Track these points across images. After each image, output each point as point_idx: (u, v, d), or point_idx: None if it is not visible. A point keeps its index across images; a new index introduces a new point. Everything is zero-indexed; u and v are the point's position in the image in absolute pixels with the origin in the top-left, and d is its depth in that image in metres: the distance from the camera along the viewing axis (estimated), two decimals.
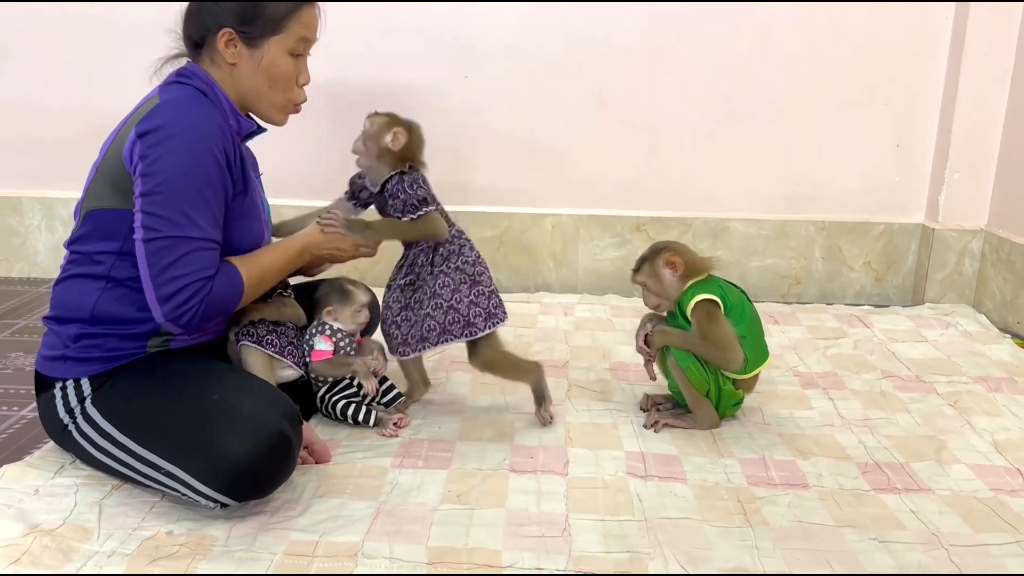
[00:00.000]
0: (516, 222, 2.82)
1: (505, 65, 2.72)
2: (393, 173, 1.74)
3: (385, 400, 1.85)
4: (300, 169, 2.76)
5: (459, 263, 1.75)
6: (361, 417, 1.76)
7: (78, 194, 2.85)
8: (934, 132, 2.72)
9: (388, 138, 1.72)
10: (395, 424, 1.77)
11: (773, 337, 2.39)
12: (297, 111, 1.64)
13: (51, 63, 2.81)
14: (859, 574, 1.31)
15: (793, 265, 2.83)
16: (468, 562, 1.32)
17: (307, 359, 1.74)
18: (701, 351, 1.73)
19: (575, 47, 2.70)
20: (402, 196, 1.72)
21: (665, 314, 1.83)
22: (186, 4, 1.56)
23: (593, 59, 2.70)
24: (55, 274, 2.88)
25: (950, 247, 2.70)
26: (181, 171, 1.39)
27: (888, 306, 2.75)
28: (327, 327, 1.77)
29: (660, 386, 1.91)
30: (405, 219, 1.73)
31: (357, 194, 1.84)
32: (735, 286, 1.81)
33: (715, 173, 2.80)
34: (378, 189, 1.76)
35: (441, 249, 1.76)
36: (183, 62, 1.58)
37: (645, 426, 1.80)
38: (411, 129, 1.76)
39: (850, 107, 2.71)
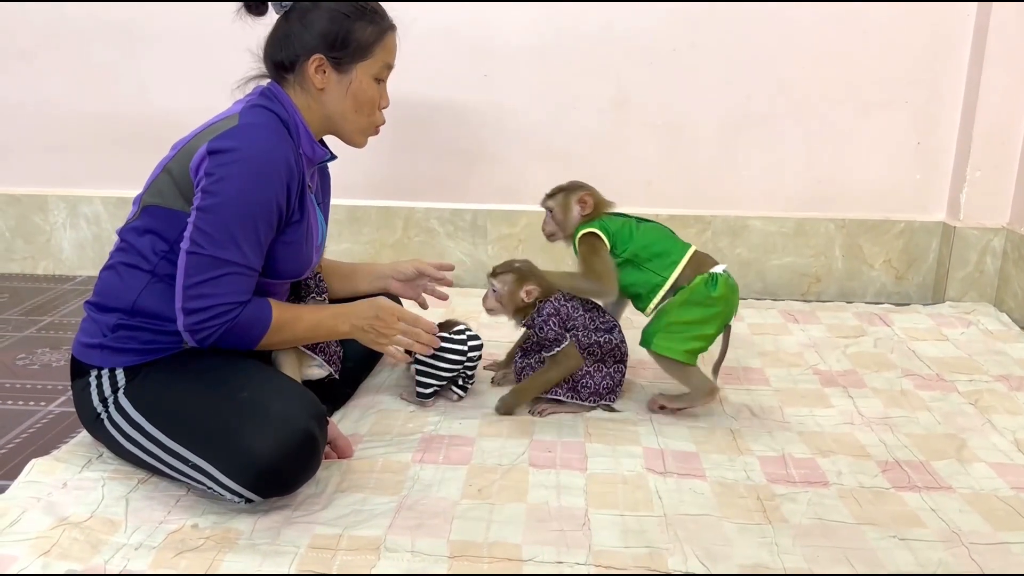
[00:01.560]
0: (535, 220, 2.82)
1: (525, 64, 2.73)
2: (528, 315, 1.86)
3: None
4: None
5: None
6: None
7: (102, 193, 2.94)
8: (955, 130, 2.71)
9: (523, 295, 1.84)
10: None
11: (793, 336, 2.39)
12: (377, 133, 1.68)
13: (77, 64, 2.85)
14: (880, 573, 1.31)
15: (813, 263, 2.82)
16: (489, 556, 1.33)
17: (338, 359, 1.77)
18: (581, 283, 1.86)
19: (595, 45, 2.70)
20: (540, 335, 1.83)
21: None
22: (271, 28, 1.58)
23: (613, 57, 2.71)
24: (80, 272, 2.98)
25: (971, 245, 2.68)
26: (239, 197, 1.41)
27: (908, 304, 2.74)
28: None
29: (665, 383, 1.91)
30: (546, 361, 1.85)
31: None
32: (620, 215, 1.93)
33: (734, 171, 2.79)
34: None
35: None
36: (263, 80, 1.60)
37: (650, 409, 1.88)
38: (540, 280, 1.86)
39: (871, 105, 2.70)
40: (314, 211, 1.64)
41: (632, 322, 2.04)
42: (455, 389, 1.92)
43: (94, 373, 1.53)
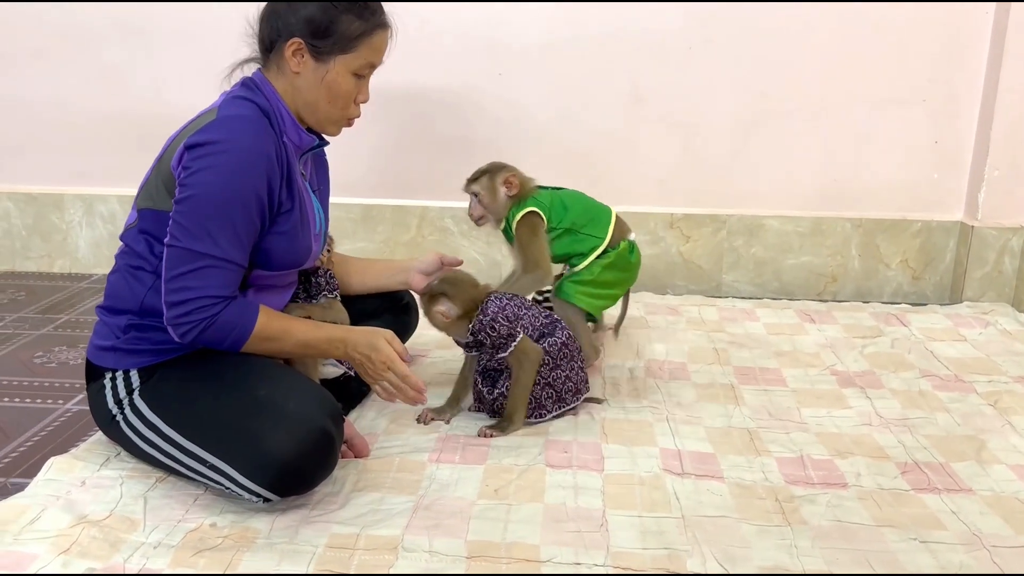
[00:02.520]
0: None
1: (540, 62, 2.73)
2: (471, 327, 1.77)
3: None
4: (335, 168, 2.78)
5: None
6: None
7: (118, 191, 2.96)
8: (974, 129, 2.69)
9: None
10: None
11: (809, 336, 2.38)
12: (350, 125, 1.65)
13: (93, 64, 2.86)
14: (901, 574, 1.30)
15: (829, 263, 2.80)
16: (507, 556, 1.33)
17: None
18: (522, 282, 1.95)
19: (610, 43, 2.70)
20: (491, 336, 1.74)
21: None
22: (262, 4, 1.56)
23: (628, 55, 2.70)
24: (96, 270, 3.00)
25: (989, 245, 2.66)
26: (214, 190, 1.41)
27: (925, 304, 2.72)
28: None
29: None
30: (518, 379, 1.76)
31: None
32: (543, 189, 2.04)
33: (750, 170, 2.78)
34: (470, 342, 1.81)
35: None
36: (254, 67, 1.60)
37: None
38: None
39: (888, 104, 2.68)
40: (308, 198, 1.63)
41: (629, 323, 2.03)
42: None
43: (108, 375, 1.53)
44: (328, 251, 1.83)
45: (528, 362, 1.75)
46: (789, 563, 1.32)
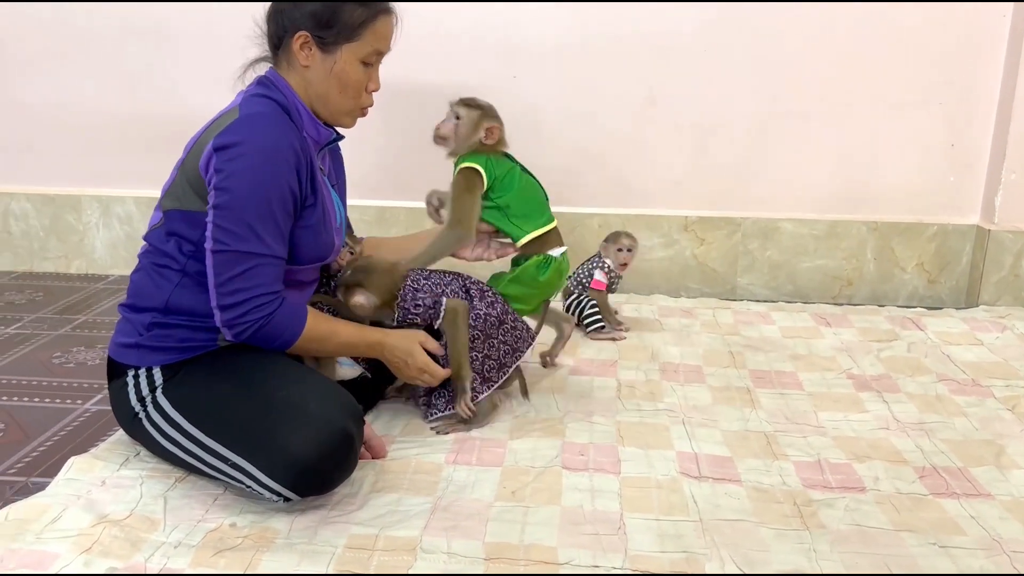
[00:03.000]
0: (563, 221, 2.78)
1: (554, 65, 2.73)
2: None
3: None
4: (351, 170, 2.79)
5: None
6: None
7: (134, 193, 2.98)
8: (990, 132, 2.67)
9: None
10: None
11: (825, 339, 2.37)
12: (364, 115, 1.67)
13: (110, 66, 2.88)
14: (920, 574, 1.30)
15: (845, 266, 2.80)
16: (525, 559, 1.33)
17: None
18: (440, 244, 1.90)
19: (624, 46, 2.70)
20: (416, 312, 1.75)
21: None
22: (267, 4, 1.59)
23: (643, 58, 2.70)
24: (113, 271, 3.01)
25: (1006, 248, 2.65)
26: (251, 189, 1.43)
27: (941, 308, 2.71)
28: (604, 263, 2.39)
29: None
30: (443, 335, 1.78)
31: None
32: (509, 158, 1.98)
33: (765, 173, 2.78)
34: None
35: None
36: (267, 66, 1.62)
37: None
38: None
39: (904, 107, 2.68)
40: (328, 193, 1.65)
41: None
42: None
43: (131, 373, 1.54)
44: (352, 252, 1.84)
45: (459, 318, 1.74)
46: (807, 567, 1.32)
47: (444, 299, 1.74)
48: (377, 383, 1.89)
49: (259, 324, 1.46)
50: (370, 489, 1.53)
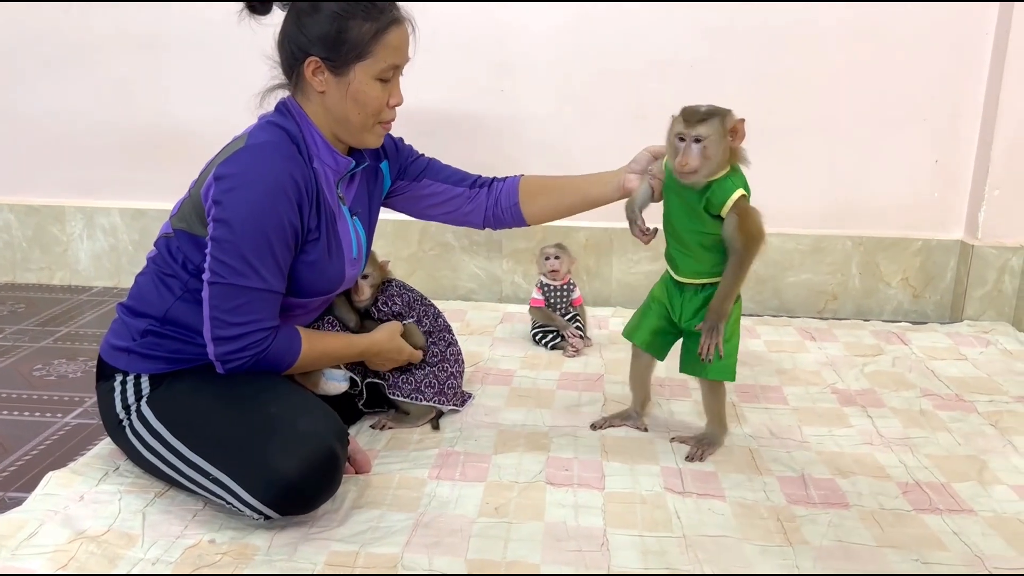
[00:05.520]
0: (550, 234, 2.82)
1: (543, 78, 2.74)
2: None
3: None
4: None
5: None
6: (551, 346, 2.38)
7: (119, 204, 2.97)
8: (974, 148, 2.69)
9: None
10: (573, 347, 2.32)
11: (810, 353, 2.38)
12: (388, 130, 1.63)
13: (96, 76, 2.87)
14: None
15: (830, 281, 2.81)
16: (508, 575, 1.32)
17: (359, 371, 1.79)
18: (741, 266, 1.59)
19: (612, 60, 2.71)
20: (387, 309, 1.85)
21: (685, 186, 1.61)
22: (278, 31, 1.55)
23: (631, 72, 2.71)
24: (97, 282, 3.00)
25: (990, 264, 2.67)
26: (248, 222, 1.41)
27: (926, 323, 2.72)
28: (539, 279, 2.41)
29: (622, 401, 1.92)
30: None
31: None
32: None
33: (752, 187, 2.78)
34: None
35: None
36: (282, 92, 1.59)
37: (688, 458, 1.71)
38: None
39: (889, 123, 2.69)
40: (346, 224, 1.63)
41: None
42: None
43: (119, 378, 1.54)
44: (373, 285, 1.83)
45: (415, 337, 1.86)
46: None
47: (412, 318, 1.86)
48: (360, 398, 1.87)
49: (254, 359, 1.45)
50: (352, 505, 1.52)
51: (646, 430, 1.85)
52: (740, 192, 1.59)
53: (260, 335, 1.45)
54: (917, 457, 1.75)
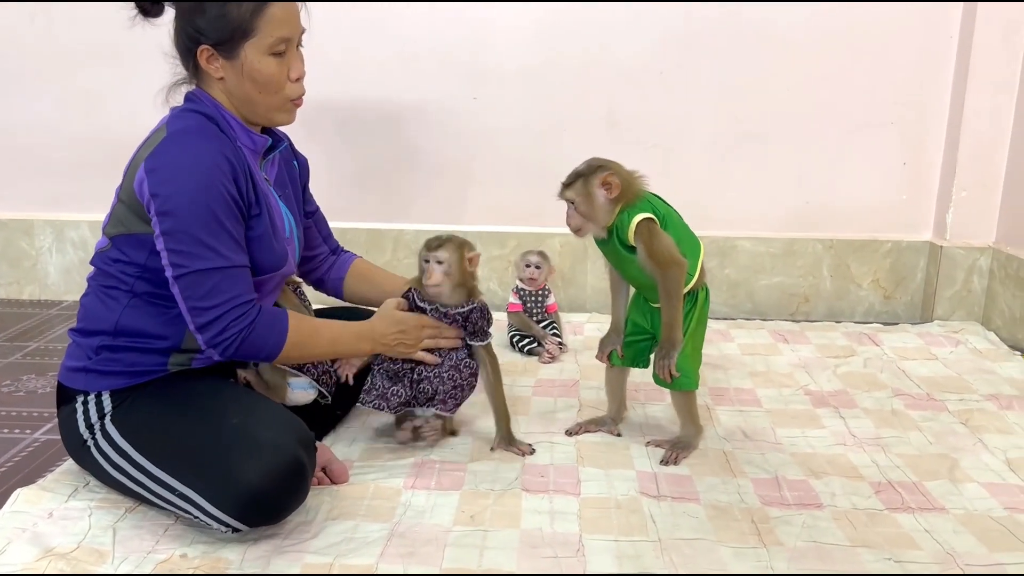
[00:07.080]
0: (524, 241, 2.83)
1: (515, 86, 2.74)
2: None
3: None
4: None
5: None
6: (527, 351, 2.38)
7: (89, 217, 2.93)
8: (941, 150, 2.73)
9: (466, 263, 1.74)
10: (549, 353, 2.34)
11: (783, 356, 2.40)
12: (298, 105, 1.60)
13: (64, 87, 2.84)
14: None
15: (801, 283, 2.83)
16: None
17: (331, 379, 1.75)
18: (676, 299, 1.64)
19: (584, 68, 2.72)
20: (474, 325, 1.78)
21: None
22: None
23: (603, 79, 2.72)
24: (67, 296, 2.96)
25: (958, 264, 2.70)
26: (192, 205, 1.40)
27: (897, 324, 2.75)
28: (516, 284, 2.44)
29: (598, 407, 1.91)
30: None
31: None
32: (656, 196, 1.74)
33: (723, 192, 2.81)
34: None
35: None
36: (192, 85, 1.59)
37: (662, 462, 1.73)
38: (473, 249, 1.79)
39: (857, 126, 2.73)
40: (275, 202, 1.62)
41: None
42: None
43: (80, 399, 1.51)
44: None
45: (495, 361, 1.81)
46: None
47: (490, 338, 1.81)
48: (333, 408, 1.86)
49: (242, 336, 1.44)
50: (325, 516, 1.50)
51: (619, 435, 1.86)
52: (639, 217, 1.65)
53: (240, 310, 1.43)
54: (889, 456, 1.76)
